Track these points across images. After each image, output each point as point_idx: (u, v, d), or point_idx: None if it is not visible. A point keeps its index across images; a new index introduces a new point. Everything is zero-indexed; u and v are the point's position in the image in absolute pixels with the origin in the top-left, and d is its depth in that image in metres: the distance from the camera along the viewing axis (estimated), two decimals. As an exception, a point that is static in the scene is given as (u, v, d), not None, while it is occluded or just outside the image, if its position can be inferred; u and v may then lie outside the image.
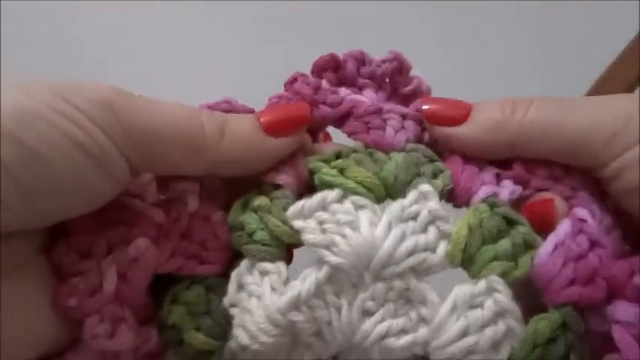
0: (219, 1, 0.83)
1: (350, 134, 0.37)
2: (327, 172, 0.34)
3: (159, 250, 0.32)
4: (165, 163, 0.32)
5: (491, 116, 0.35)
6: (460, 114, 0.35)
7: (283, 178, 0.34)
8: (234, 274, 0.33)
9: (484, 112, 0.35)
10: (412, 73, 0.40)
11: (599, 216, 0.34)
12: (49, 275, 0.30)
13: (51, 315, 0.30)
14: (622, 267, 0.31)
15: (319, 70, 0.39)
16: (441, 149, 0.38)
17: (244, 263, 0.33)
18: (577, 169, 0.35)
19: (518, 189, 0.34)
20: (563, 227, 0.32)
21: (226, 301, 0.33)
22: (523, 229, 0.32)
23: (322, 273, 0.32)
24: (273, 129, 0.34)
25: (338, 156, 0.35)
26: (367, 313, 0.32)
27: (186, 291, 0.33)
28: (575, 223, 0.33)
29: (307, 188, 0.35)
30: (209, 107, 0.37)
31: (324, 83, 0.38)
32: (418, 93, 0.39)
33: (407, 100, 0.40)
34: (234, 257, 0.34)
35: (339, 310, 0.32)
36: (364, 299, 0.32)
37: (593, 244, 0.32)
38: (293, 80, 0.38)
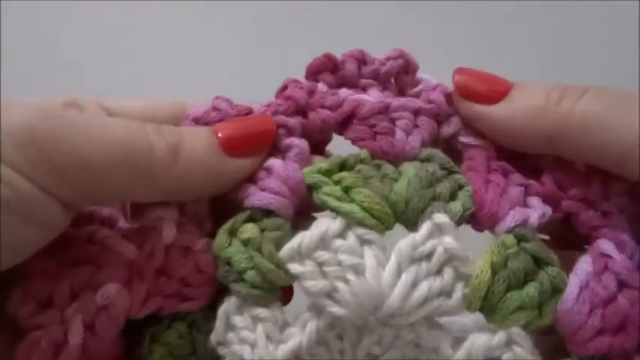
0: (219, 1, 0.78)
1: (354, 140, 0.31)
2: (331, 193, 0.29)
3: (131, 294, 0.27)
4: (108, 196, 0.27)
5: (533, 100, 0.30)
6: (497, 91, 0.31)
7: (275, 201, 0.29)
8: (221, 312, 0.29)
9: (526, 94, 0.30)
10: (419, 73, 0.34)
11: (630, 249, 0.29)
12: (10, 344, 0.27)
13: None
14: None
15: (314, 72, 0.33)
16: (462, 143, 0.32)
17: (233, 301, 0.29)
18: (618, 183, 0.31)
19: (549, 211, 0.30)
20: (583, 265, 0.28)
21: (213, 338, 0.30)
22: (552, 272, 0.28)
23: (322, 322, 0.28)
24: (233, 148, 0.29)
25: (342, 167, 0.30)
26: (372, 356, 0.29)
27: (168, 330, 0.29)
28: (598, 260, 0.29)
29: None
30: (195, 119, 0.31)
31: (321, 86, 0.32)
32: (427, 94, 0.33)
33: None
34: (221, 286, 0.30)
35: (342, 353, 0.29)
36: (369, 343, 0.29)
37: (622, 284, 0.28)
38: (284, 87, 0.32)
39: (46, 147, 0.24)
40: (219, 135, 0.29)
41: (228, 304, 0.29)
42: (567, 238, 0.32)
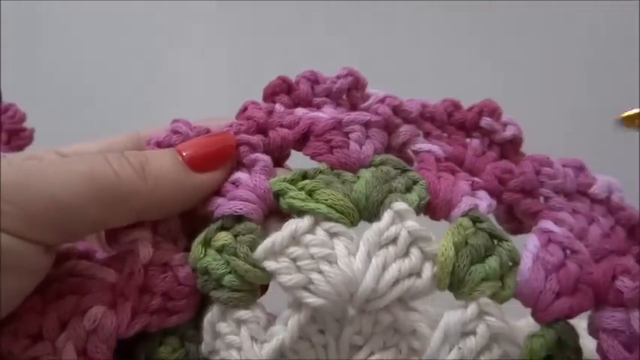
0: (219, 1, 0.81)
1: (313, 156, 0.34)
2: (296, 196, 0.31)
3: (118, 314, 0.29)
4: (84, 228, 0.28)
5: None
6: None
7: (244, 206, 0.31)
8: (206, 322, 0.30)
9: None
10: (369, 88, 0.38)
11: (569, 222, 0.33)
12: None
13: None
14: (603, 271, 0.30)
15: (271, 94, 0.36)
16: (412, 151, 0.36)
17: (215, 310, 0.30)
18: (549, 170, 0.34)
19: (494, 203, 0.33)
20: (532, 241, 0.31)
21: (204, 349, 0.31)
22: (508, 246, 0.31)
23: (303, 315, 0.29)
24: (198, 164, 0.31)
25: (304, 176, 0.32)
26: (355, 348, 0.30)
27: (160, 346, 0.30)
28: (541, 236, 0.31)
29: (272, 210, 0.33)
30: (157, 144, 0.34)
31: (278, 107, 0.36)
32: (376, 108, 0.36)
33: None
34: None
35: (325, 347, 0.30)
36: (350, 334, 0.30)
37: (567, 251, 0.31)
38: (244, 109, 0.35)
39: (14, 196, 0.25)
40: (184, 154, 0.31)
41: (211, 314, 0.30)
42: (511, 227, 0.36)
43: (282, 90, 0.36)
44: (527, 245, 0.31)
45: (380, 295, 0.29)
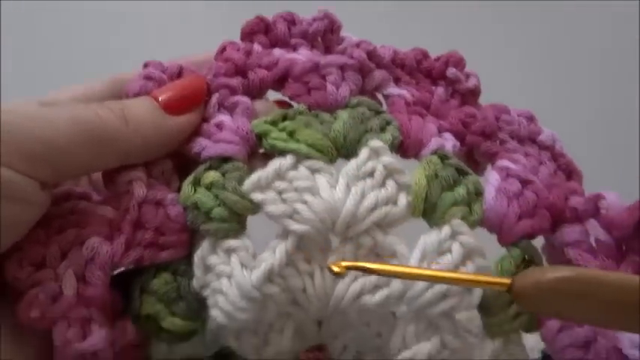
0: (219, 0, 0.81)
1: (291, 97, 0.36)
2: (278, 137, 0.33)
3: (113, 246, 0.31)
4: (75, 168, 0.30)
5: None
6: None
7: (230, 148, 0.33)
8: (197, 257, 0.32)
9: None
10: (343, 32, 0.39)
11: (523, 161, 0.36)
12: (12, 323, 0.29)
13: (14, 349, 0.29)
14: (557, 193, 0.34)
15: (249, 33, 0.38)
16: (384, 95, 0.38)
17: (206, 244, 0.32)
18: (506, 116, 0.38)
19: (457, 144, 0.36)
20: (493, 176, 0.35)
21: (195, 283, 0.32)
22: (473, 178, 0.34)
23: (290, 243, 0.31)
24: (172, 107, 0.33)
25: (285, 118, 0.34)
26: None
27: (154, 279, 0.32)
28: (500, 171, 0.35)
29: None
30: (135, 95, 0.35)
31: (257, 47, 0.37)
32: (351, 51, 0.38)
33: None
34: (194, 237, 0.33)
35: (311, 275, 0.32)
36: (334, 261, 0.32)
37: (524, 182, 0.34)
38: (222, 49, 0.37)
39: (10, 136, 0.27)
40: (160, 99, 0.33)
41: (201, 249, 0.32)
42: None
43: (259, 30, 0.38)
44: (489, 179, 0.35)
45: (360, 219, 0.31)
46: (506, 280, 0.27)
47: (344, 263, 0.29)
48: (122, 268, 0.33)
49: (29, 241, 0.29)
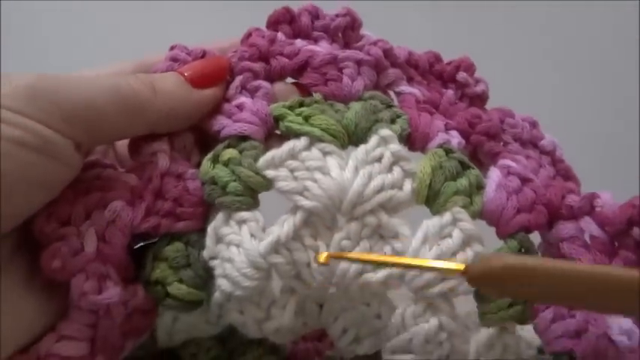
0: (219, 1, 0.83)
1: (309, 86, 0.38)
2: (294, 120, 0.35)
3: (134, 211, 0.33)
4: (108, 132, 0.33)
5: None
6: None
7: (248, 127, 0.35)
8: (210, 228, 0.34)
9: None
10: (363, 30, 0.42)
11: (524, 162, 0.38)
12: (27, 270, 0.31)
13: (35, 304, 0.31)
14: (555, 191, 0.36)
15: (274, 23, 0.40)
16: (395, 92, 0.40)
17: (220, 216, 0.34)
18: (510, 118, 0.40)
19: (463, 142, 0.38)
20: (494, 173, 0.37)
21: (205, 253, 0.34)
22: (475, 172, 0.36)
23: (298, 217, 0.33)
24: (197, 81, 0.36)
25: (301, 104, 0.36)
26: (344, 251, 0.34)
27: (167, 247, 0.34)
28: (501, 169, 0.37)
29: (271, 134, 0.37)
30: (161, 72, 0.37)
31: (280, 35, 0.39)
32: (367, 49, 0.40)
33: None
34: (209, 212, 0.35)
35: (316, 251, 0.34)
36: (340, 239, 0.34)
37: (524, 180, 0.36)
38: (248, 35, 0.39)
39: (52, 96, 0.29)
40: (185, 74, 0.36)
41: (215, 221, 0.34)
42: None
43: (284, 20, 0.40)
44: (491, 175, 0.37)
45: (366, 200, 0.33)
46: (461, 267, 0.28)
47: (326, 253, 0.32)
48: (141, 244, 0.35)
49: (58, 199, 0.31)
